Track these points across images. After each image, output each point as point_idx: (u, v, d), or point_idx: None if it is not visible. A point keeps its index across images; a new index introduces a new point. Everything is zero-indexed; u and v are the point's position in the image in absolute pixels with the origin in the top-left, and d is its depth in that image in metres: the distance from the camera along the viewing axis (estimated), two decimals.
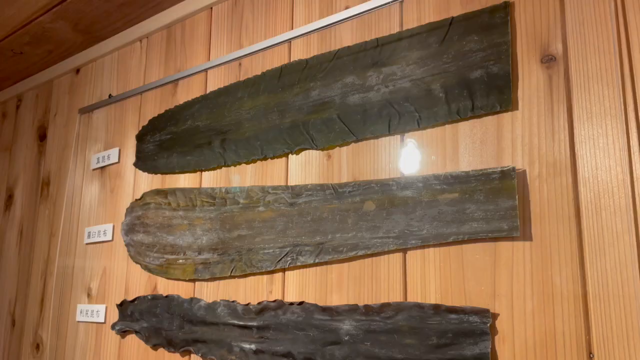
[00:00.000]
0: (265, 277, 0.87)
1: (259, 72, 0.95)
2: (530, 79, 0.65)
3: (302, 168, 0.86)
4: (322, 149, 0.84)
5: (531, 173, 0.63)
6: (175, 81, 1.11)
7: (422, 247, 0.70)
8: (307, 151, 0.86)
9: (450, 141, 0.70)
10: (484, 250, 0.64)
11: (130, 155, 1.17)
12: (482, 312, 0.62)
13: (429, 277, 0.69)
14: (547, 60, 0.64)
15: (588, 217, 0.58)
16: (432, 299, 0.68)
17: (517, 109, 0.65)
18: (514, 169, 0.63)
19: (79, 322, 1.19)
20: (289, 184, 0.88)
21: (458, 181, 0.68)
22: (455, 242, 0.67)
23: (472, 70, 0.69)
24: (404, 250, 0.72)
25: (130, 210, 1.13)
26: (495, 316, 0.62)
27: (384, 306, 0.71)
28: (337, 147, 0.82)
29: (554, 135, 0.62)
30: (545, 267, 0.60)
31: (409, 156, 0.74)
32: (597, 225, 0.57)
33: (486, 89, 0.67)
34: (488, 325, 0.62)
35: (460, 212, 0.67)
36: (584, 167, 0.59)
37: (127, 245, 1.11)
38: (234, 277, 0.91)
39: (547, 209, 0.61)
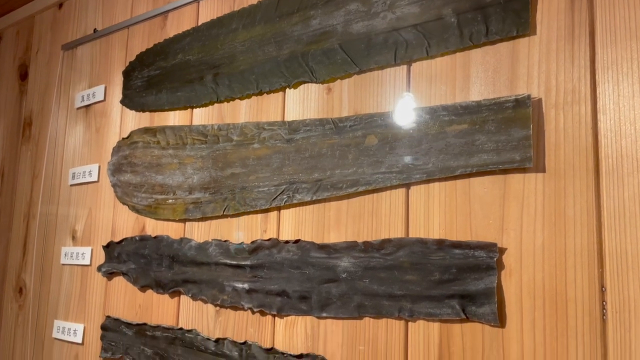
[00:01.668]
0: (259, 216, 0.84)
1: (254, 1, 0.89)
2: (550, 1, 0.60)
3: (300, 103, 0.82)
4: (322, 82, 0.79)
5: (547, 101, 0.59)
6: (165, 13, 1.05)
7: (427, 181, 0.67)
8: (305, 85, 0.82)
9: (460, 70, 0.66)
10: (493, 183, 0.61)
11: (116, 93, 1.11)
12: (489, 247, 0.60)
13: (433, 212, 0.66)
14: None
15: (607, 146, 0.55)
16: (435, 234, 0.65)
17: (534, 33, 0.61)
18: (529, 96, 0.59)
19: (63, 265, 1.15)
20: (285, 119, 0.83)
21: (468, 111, 0.64)
22: (462, 176, 0.64)
23: None
24: (407, 186, 0.68)
25: (116, 149, 1.08)
26: (502, 251, 0.60)
27: (385, 242, 0.68)
28: (338, 80, 0.78)
29: (574, 61, 0.58)
30: (559, 199, 0.57)
31: (415, 87, 0.70)
32: (616, 155, 0.54)
33: (502, 12, 0.63)
34: (495, 259, 0.59)
35: (469, 144, 0.63)
36: (605, 94, 0.56)
37: (113, 185, 1.07)
38: (226, 216, 0.88)
39: (562, 139, 0.57)
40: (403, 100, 0.71)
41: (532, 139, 0.58)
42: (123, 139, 1.06)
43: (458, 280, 0.62)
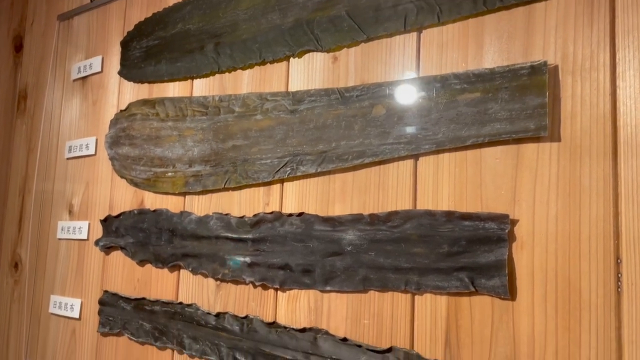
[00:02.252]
0: (261, 189, 0.82)
1: None
2: None
3: (305, 72, 0.79)
4: (328, 51, 0.77)
5: (564, 68, 0.57)
6: None
7: (436, 152, 0.65)
8: (310, 53, 0.79)
9: (473, 37, 0.64)
10: (506, 153, 0.60)
11: (114, 64, 1.08)
12: (500, 218, 0.58)
13: (442, 183, 0.64)
14: None
15: (625, 114, 0.53)
16: (444, 206, 0.63)
17: None
18: (545, 63, 0.57)
19: (60, 239, 1.13)
20: (289, 90, 0.81)
21: (481, 79, 0.62)
22: (473, 146, 0.62)
23: None
24: (416, 157, 0.67)
25: (114, 122, 1.05)
26: (514, 222, 0.58)
27: (392, 214, 0.67)
28: (345, 48, 0.75)
29: (593, 25, 0.56)
30: (574, 168, 0.55)
31: (425, 55, 0.68)
32: (635, 122, 0.52)
33: None
34: (506, 231, 0.58)
35: (481, 113, 0.61)
36: (625, 60, 0.54)
37: (111, 159, 1.04)
38: (227, 189, 0.86)
39: (579, 107, 0.56)
40: (412, 68, 0.68)
41: (548, 107, 0.56)
42: (121, 111, 1.04)
43: (467, 253, 0.60)
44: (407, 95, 0.67)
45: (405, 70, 0.69)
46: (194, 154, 0.90)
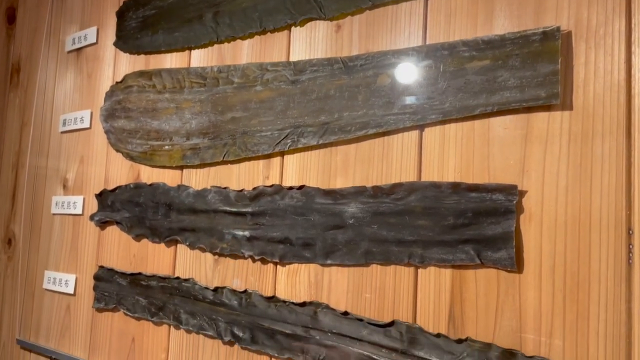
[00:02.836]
0: (261, 162, 0.80)
1: None
2: None
3: (307, 42, 0.77)
4: (331, 19, 0.75)
5: (577, 34, 0.55)
6: None
7: (443, 122, 0.63)
8: (313, 22, 0.77)
9: (483, 2, 0.61)
10: (515, 123, 0.58)
11: (109, 35, 1.06)
12: (508, 189, 0.57)
13: (448, 155, 0.62)
14: None
15: None
16: (450, 178, 0.62)
17: None
18: (558, 28, 0.55)
19: (54, 214, 1.11)
20: (290, 60, 0.79)
21: (490, 46, 0.60)
22: (481, 115, 0.60)
23: None
24: (421, 127, 0.65)
25: (110, 94, 1.02)
26: (522, 193, 0.56)
27: (395, 187, 0.65)
28: (349, 16, 0.73)
29: None
30: (586, 138, 0.53)
31: (433, 22, 0.66)
32: None
33: None
34: (514, 202, 0.56)
35: (490, 81, 0.59)
36: None
37: (106, 132, 1.02)
38: (226, 162, 0.84)
39: (592, 74, 0.54)
40: (418, 36, 0.66)
41: (560, 75, 0.55)
42: (116, 83, 1.01)
43: (473, 225, 0.59)
44: (413, 64, 0.65)
45: (411, 38, 0.67)
46: (192, 127, 0.88)
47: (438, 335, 0.60)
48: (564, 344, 0.52)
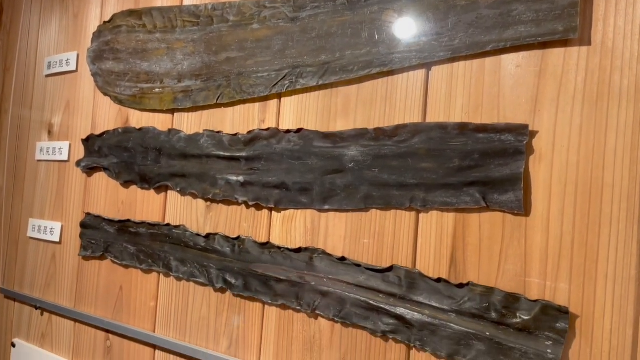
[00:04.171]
0: (257, 104, 0.76)
1: None
2: None
3: None
4: None
5: None
6: None
7: (451, 60, 0.60)
8: None
9: None
10: (528, 60, 0.55)
11: None
12: (519, 129, 0.54)
13: (456, 94, 0.59)
14: None
15: None
16: (457, 119, 0.59)
17: None
18: None
19: (38, 161, 1.07)
20: None
21: None
22: (493, 52, 0.57)
23: None
24: (428, 66, 0.62)
25: (97, 35, 0.97)
26: (533, 134, 0.54)
27: (399, 128, 0.62)
28: None
29: None
30: (603, 74, 0.51)
31: None
32: None
33: None
34: (524, 143, 0.53)
35: (504, 15, 0.56)
36: None
37: (94, 75, 0.97)
38: (220, 105, 0.80)
39: (614, 7, 0.51)
40: None
41: (579, 7, 0.51)
42: (104, 23, 0.96)
43: (480, 167, 0.56)
44: None
45: None
46: (184, 68, 0.84)
47: (438, 280, 0.58)
48: (570, 287, 0.51)
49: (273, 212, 0.73)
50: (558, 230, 0.52)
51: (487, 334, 0.54)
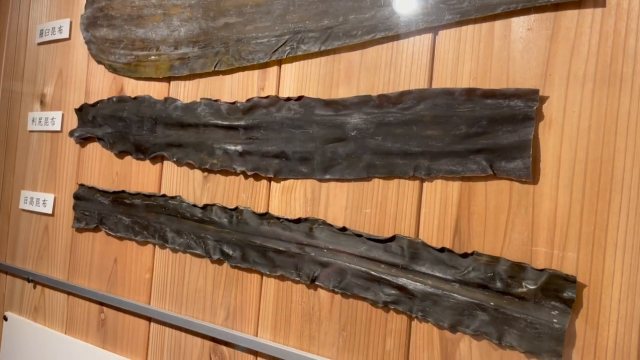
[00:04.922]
0: (256, 72, 0.74)
1: None
2: None
3: None
4: None
5: None
6: None
7: (459, 23, 0.58)
8: None
9: None
10: (540, 23, 0.53)
11: None
12: (529, 94, 0.52)
13: (463, 59, 0.57)
14: None
15: None
16: (464, 84, 0.57)
17: None
18: None
19: (30, 131, 1.04)
20: None
21: None
22: (503, 15, 0.55)
23: None
24: (435, 30, 0.59)
25: (91, 1, 0.94)
26: (543, 99, 0.52)
27: (404, 95, 0.60)
28: None
29: None
30: (618, 36, 0.49)
31: None
32: None
33: None
34: (534, 108, 0.52)
35: None
36: None
37: (87, 42, 0.94)
38: (218, 73, 0.78)
39: None
40: None
41: None
42: None
43: (487, 134, 0.55)
44: None
45: None
46: (181, 35, 0.81)
47: (442, 250, 0.57)
48: (578, 256, 0.49)
49: (272, 182, 0.71)
50: (567, 198, 0.50)
51: (492, 303, 0.53)
